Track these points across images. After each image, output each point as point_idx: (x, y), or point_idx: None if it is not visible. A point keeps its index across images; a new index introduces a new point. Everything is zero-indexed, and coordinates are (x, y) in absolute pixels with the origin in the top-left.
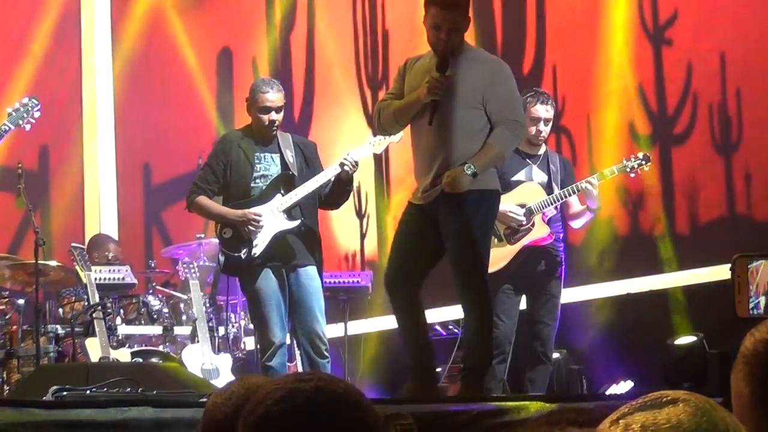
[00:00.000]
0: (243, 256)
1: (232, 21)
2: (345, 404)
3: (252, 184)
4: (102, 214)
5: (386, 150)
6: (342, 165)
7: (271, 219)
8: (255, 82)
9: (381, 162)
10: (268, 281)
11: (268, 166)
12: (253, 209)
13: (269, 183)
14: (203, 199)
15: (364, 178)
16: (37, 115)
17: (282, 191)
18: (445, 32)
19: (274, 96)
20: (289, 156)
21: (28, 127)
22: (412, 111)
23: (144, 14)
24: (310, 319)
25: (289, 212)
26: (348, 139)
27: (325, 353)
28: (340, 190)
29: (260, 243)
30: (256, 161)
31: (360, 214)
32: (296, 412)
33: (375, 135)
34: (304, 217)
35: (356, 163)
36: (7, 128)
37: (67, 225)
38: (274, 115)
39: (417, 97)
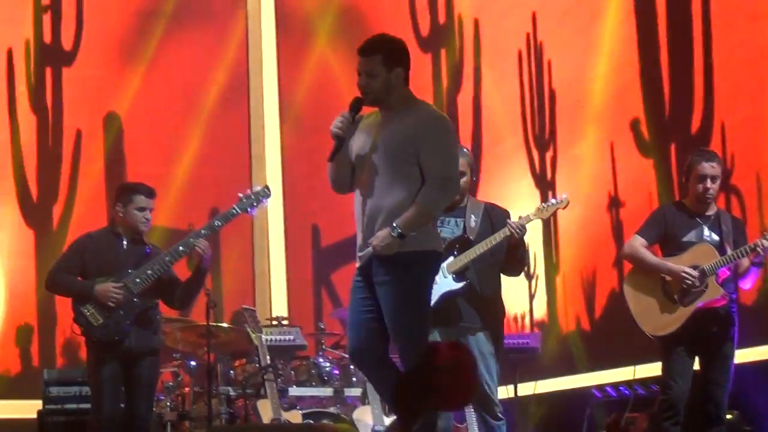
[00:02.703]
0: None
1: None
2: None
3: None
4: (272, 277)
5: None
6: (509, 229)
7: (441, 280)
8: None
9: (549, 223)
10: None
11: (451, 229)
12: None
13: (446, 245)
14: None
15: (533, 239)
16: (266, 204)
17: (455, 253)
18: (363, 78)
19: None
20: (472, 221)
21: (255, 213)
22: (335, 157)
23: (312, 74)
24: (480, 383)
25: (461, 274)
26: (516, 200)
27: (500, 415)
28: (510, 254)
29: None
30: (440, 224)
31: (528, 275)
32: None
33: (544, 201)
34: (479, 280)
35: (522, 227)
36: (236, 212)
37: (237, 287)
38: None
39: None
